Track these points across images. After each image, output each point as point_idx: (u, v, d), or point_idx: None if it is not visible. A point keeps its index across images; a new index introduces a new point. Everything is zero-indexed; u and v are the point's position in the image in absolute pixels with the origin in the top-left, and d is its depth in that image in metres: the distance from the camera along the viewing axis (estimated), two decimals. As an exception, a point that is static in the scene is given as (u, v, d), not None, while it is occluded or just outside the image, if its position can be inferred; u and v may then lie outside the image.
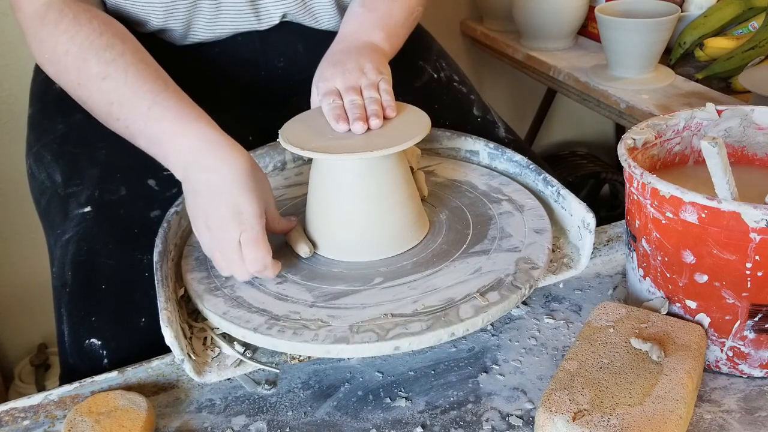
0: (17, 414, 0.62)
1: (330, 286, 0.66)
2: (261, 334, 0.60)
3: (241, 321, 0.62)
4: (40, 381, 1.50)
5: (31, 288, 1.53)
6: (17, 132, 0.95)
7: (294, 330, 0.60)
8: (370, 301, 0.63)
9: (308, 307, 0.63)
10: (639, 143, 0.66)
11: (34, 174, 0.86)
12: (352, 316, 0.61)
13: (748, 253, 0.55)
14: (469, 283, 0.65)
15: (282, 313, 0.62)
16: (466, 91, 1.00)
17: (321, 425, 0.60)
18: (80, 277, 0.73)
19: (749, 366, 0.60)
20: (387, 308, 0.62)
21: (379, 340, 0.59)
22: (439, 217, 0.75)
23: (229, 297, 0.65)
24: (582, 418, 0.51)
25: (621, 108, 1.18)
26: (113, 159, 0.81)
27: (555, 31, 1.41)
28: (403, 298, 0.63)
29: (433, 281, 0.65)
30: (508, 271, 0.66)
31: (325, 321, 0.61)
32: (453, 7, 1.68)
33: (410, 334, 0.59)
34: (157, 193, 0.79)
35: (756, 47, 1.15)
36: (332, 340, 0.59)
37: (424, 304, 0.62)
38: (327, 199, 0.69)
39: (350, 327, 0.60)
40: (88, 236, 0.75)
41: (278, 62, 0.90)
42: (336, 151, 0.65)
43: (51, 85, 0.89)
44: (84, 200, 0.78)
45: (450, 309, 0.61)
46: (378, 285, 0.65)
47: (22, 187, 0.90)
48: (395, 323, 0.60)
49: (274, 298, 0.64)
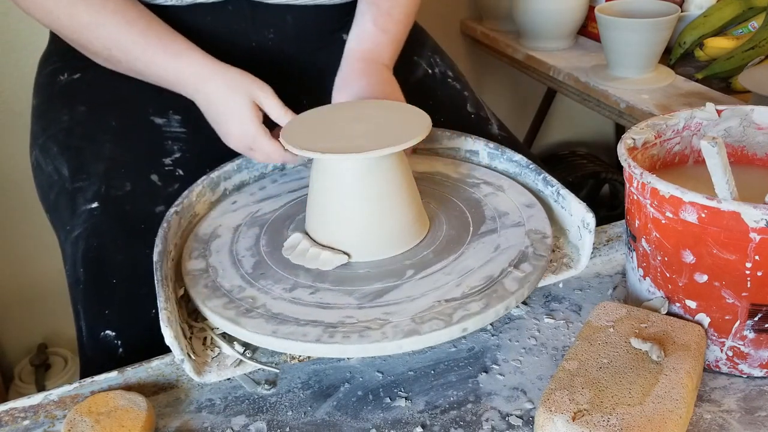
0: (17, 414, 0.62)
1: (367, 286, 0.65)
2: (325, 344, 0.59)
3: (297, 335, 0.60)
4: (40, 381, 1.50)
5: (31, 288, 1.53)
6: (18, 132, 0.95)
7: (359, 333, 0.59)
8: (414, 292, 0.64)
9: (357, 309, 0.62)
10: (639, 143, 0.66)
11: (41, 166, 0.87)
12: (407, 310, 0.61)
13: (748, 253, 0.55)
14: (497, 260, 0.67)
15: (335, 320, 0.61)
16: (460, 87, 1.00)
17: (321, 425, 0.60)
18: (92, 273, 0.76)
19: (749, 366, 0.60)
20: (436, 295, 0.63)
21: (447, 325, 0.59)
22: (429, 207, 0.76)
23: (269, 315, 0.63)
24: (582, 418, 0.51)
25: (621, 108, 1.18)
26: (117, 154, 0.82)
27: (555, 31, 1.41)
28: (445, 284, 0.64)
29: (464, 264, 0.67)
30: (525, 243, 0.69)
31: (384, 318, 0.61)
32: (453, 7, 1.68)
33: (473, 314, 0.60)
34: (161, 189, 0.81)
35: (756, 47, 1.15)
36: (402, 334, 0.59)
37: (468, 285, 0.63)
38: (327, 198, 0.69)
39: (412, 319, 0.60)
40: (97, 232, 0.77)
41: (268, 33, 0.90)
42: (336, 151, 0.65)
43: (56, 77, 0.90)
44: (91, 196, 0.79)
45: (495, 285, 0.63)
46: (413, 277, 0.66)
47: (23, 187, 0.91)
48: (453, 307, 0.61)
49: (318, 308, 0.63)
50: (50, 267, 0.81)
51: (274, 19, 0.89)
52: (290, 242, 0.71)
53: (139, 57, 0.78)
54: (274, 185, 0.82)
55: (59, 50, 0.92)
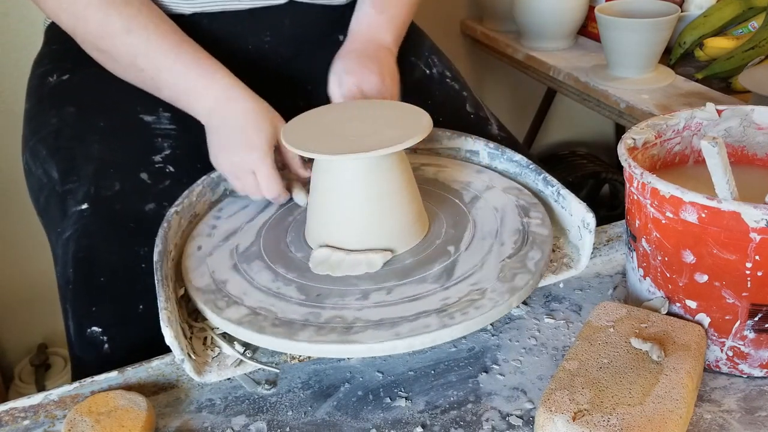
0: (17, 414, 0.62)
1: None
2: (404, 339, 0.59)
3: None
4: (40, 381, 1.50)
5: (31, 288, 1.53)
6: (17, 132, 0.95)
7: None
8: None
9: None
10: (639, 143, 0.66)
11: (31, 169, 0.86)
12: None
13: (748, 253, 0.55)
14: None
15: (400, 315, 0.62)
16: (459, 87, 1.00)
17: (321, 425, 0.60)
18: (81, 273, 0.75)
19: (749, 366, 0.60)
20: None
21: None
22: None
23: (319, 325, 0.61)
24: (582, 418, 0.51)
25: (621, 108, 1.18)
26: (106, 154, 0.82)
27: (555, 31, 1.40)
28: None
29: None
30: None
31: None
32: (453, 7, 1.68)
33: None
34: (150, 186, 0.80)
35: (756, 47, 1.15)
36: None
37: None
38: (328, 198, 0.69)
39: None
40: (87, 233, 0.77)
41: (264, 36, 0.90)
42: (336, 151, 0.65)
43: (46, 78, 0.90)
44: (81, 197, 0.79)
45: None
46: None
47: (23, 187, 0.90)
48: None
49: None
50: (50, 267, 0.82)
51: (271, 22, 0.89)
52: (319, 258, 0.69)
53: (169, 68, 0.77)
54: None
55: (51, 52, 0.92)
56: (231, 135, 0.76)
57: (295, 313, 0.62)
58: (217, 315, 0.63)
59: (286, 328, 0.61)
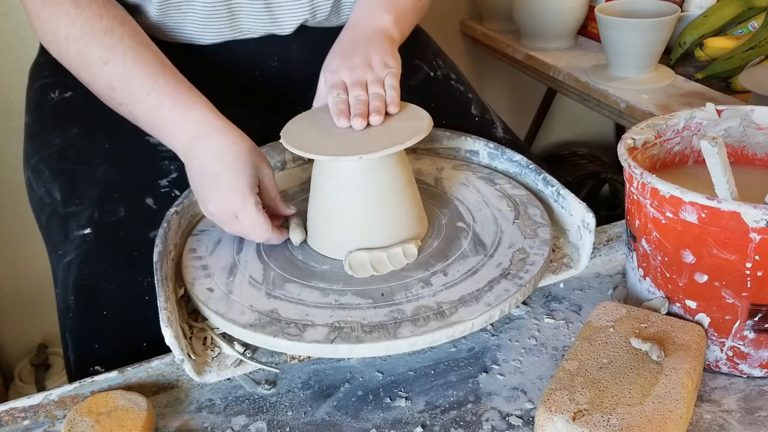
0: (17, 414, 0.62)
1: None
2: (496, 308, 0.61)
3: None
4: (40, 381, 1.50)
5: (31, 288, 1.53)
6: (17, 132, 0.95)
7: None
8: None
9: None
10: (639, 143, 0.66)
11: (33, 187, 0.85)
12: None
13: (748, 253, 0.55)
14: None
15: (474, 288, 0.64)
16: (464, 89, 1.00)
17: (321, 425, 0.60)
18: (83, 302, 0.73)
19: (749, 366, 0.60)
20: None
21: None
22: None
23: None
24: (582, 418, 0.51)
25: (621, 108, 1.18)
26: (111, 178, 0.80)
27: (555, 31, 1.40)
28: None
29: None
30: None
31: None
32: (453, 7, 1.68)
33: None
34: (156, 213, 0.78)
35: (756, 47, 1.15)
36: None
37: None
38: (328, 199, 0.69)
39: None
40: (89, 259, 0.75)
41: (272, 62, 0.90)
42: (337, 151, 0.65)
43: (47, 94, 0.88)
44: (84, 221, 0.77)
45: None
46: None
47: (21, 189, 0.90)
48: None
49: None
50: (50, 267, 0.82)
51: (279, 49, 0.88)
52: (358, 261, 0.68)
53: (143, 99, 0.72)
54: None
55: (50, 61, 0.89)
56: (210, 182, 0.69)
57: (378, 316, 0.61)
58: (299, 341, 0.60)
59: (383, 331, 0.60)
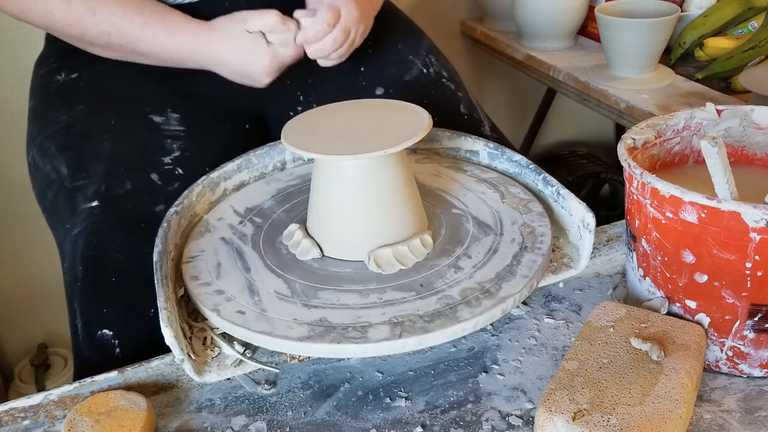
0: (17, 414, 0.62)
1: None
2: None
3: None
4: (40, 381, 1.50)
5: (31, 288, 1.53)
6: (17, 132, 0.95)
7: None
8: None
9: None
10: (639, 143, 0.66)
11: (38, 165, 0.86)
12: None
13: (748, 253, 0.55)
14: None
15: (501, 268, 0.65)
16: (455, 87, 1.00)
17: (321, 425, 0.60)
18: (91, 271, 0.75)
19: (749, 366, 0.60)
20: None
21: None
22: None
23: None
24: (582, 418, 0.51)
25: (621, 108, 1.18)
26: (117, 153, 0.82)
27: (555, 31, 1.41)
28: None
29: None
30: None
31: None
32: (453, 7, 1.68)
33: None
34: (161, 188, 0.81)
35: (756, 47, 1.15)
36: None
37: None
38: (328, 199, 0.69)
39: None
40: (97, 231, 0.77)
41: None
42: (336, 151, 0.65)
43: (54, 76, 0.90)
44: (91, 194, 0.79)
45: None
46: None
47: (23, 187, 0.90)
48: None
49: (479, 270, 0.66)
50: (50, 267, 0.82)
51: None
52: (384, 258, 0.67)
53: (139, 37, 0.79)
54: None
55: (56, 51, 0.92)
56: (240, 67, 0.79)
57: (429, 305, 0.62)
58: (365, 343, 0.58)
59: (444, 318, 0.60)
